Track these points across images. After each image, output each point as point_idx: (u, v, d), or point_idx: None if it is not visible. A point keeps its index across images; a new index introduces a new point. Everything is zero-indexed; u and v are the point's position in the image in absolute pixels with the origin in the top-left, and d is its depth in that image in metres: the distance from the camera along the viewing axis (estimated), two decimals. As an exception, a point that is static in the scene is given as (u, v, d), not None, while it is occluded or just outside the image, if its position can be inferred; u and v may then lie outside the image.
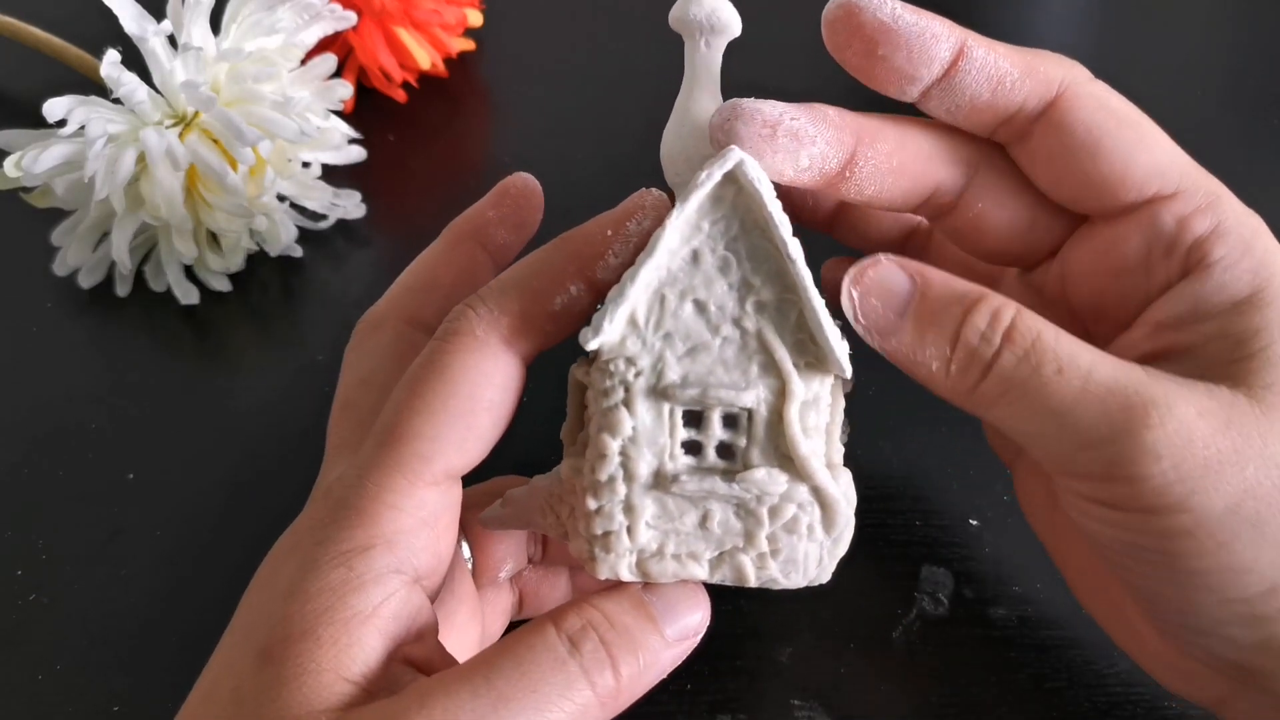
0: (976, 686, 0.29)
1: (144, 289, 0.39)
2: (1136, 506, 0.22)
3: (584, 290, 0.24)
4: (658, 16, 0.47)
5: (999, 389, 0.22)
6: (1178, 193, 0.24)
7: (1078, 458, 0.22)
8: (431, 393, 0.22)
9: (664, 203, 0.25)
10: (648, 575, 0.24)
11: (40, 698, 0.29)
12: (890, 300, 0.23)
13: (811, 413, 0.23)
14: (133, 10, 0.35)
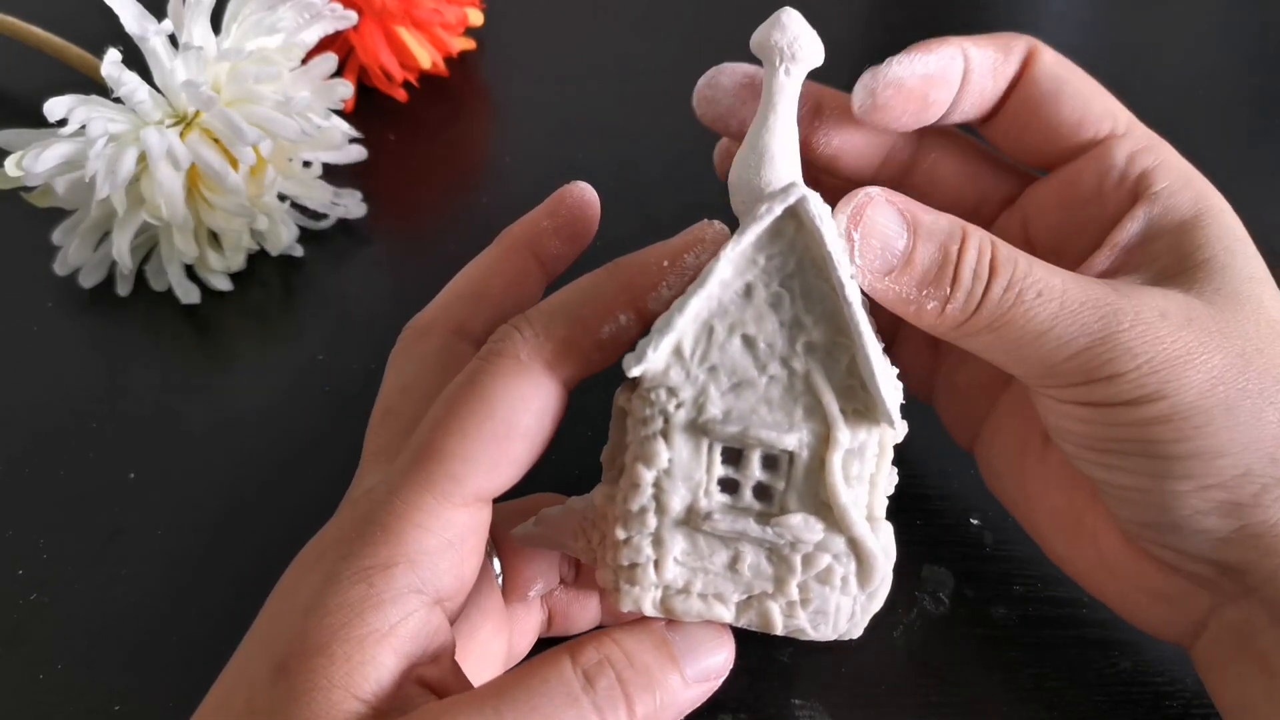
0: (978, 686, 0.29)
1: (145, 288, 0.39)
2: (1117, 401, 0.24)
3: (633, 320, 0.23)
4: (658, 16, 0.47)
5: (988, 319, 0.24)
6: (1126, 133, 0.28)
7: (1062, 367, 0.24)
8: (469, 413, 0.22)
9: (725, 236, 0.24)
10: (671, 612, 0.24)
11: (41, 697, 0.29)
12: (888, 243, 0.24)
13: (855, 462, 0.23)
14: (134, 10, 0.35)
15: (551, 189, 0.45)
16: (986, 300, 0.24)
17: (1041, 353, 0.24)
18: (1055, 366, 0.24)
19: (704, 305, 0.23)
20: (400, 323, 0.39)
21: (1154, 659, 0.30)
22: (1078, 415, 0.25)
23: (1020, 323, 0.24)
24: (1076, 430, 0.26)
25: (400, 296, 0.40)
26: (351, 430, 0.35)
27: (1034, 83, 0.28)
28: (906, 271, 0.24)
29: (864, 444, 0.23)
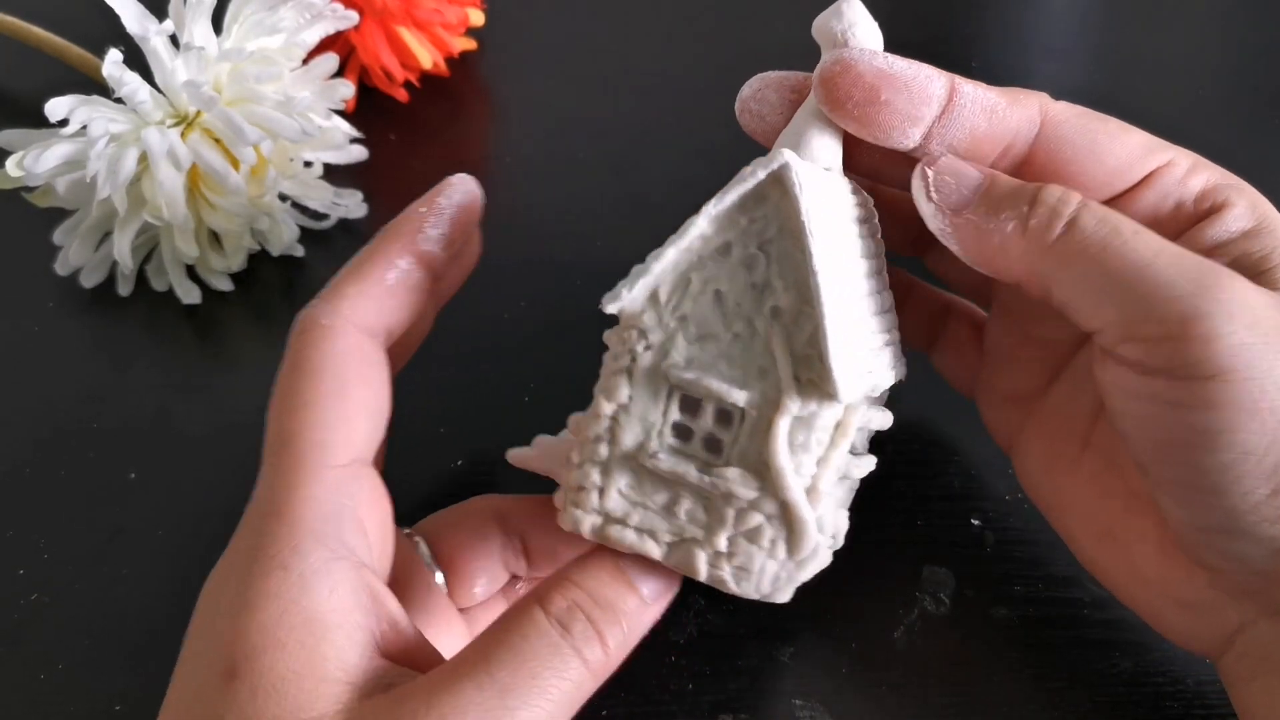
0: (978, 686, 0.29)
1: (146, 288, 0.39)
2: (1204, 370, 0.22)
3: (413, 263, 0.25)
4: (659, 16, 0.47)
5: (1081, 243, 0.23)
6: (1170, 162, 0.26)
7: (1154, 310, 0.23)
8: (302, 387, 0.23)
9: (470, 181, 0.26)
10: (606, 539, 0.24)
11: (42, 697, 0.29)
12: (963, 179, 0.25)
13: (804, 431, 0.23)
14: (135, 10, 0.35)
15: (552, 188, 0.45)
16: (1079, 223, 0.23)
17: (1134, 292, 0.23)
18: (1144, 313, 0.23)
19: (683, 257, 0.24)
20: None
21: (1155, 659, 0.30)
22: (1152, 389, 0.23)
23: (1116, 253, 0.23)
24: (1144, 412, 0.24)
25: (401, 296, 0.40)
26: (352, 430, 0.35)
27: (1067, 141, 0.26)
28: (983, 200, 0.24)
29: (815, 415, 0.23)
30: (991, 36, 0.51)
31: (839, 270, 0.24)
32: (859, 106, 0.25)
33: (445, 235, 0.25)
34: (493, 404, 0.36)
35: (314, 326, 0.24)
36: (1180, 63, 0.50)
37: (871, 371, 0.24)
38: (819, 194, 0.23)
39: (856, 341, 0.24)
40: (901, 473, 0.34)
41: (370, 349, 0.24)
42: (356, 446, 0.24)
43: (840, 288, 0.23)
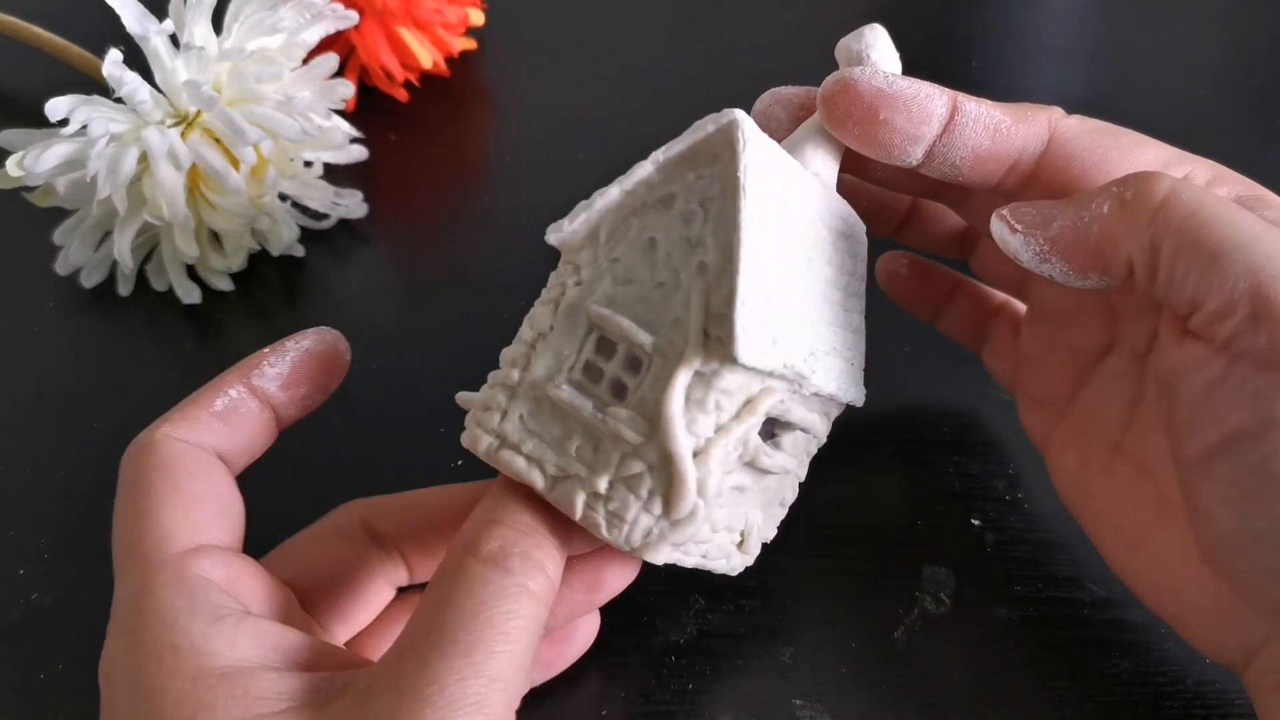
0: (979, 686, 0.29)
1: (146, 288, 0.39)
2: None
3: (244, 392, 0.26)
4: (659, 15, 0.47)
5: (1188, 208, 0.23)
6: (1186, 178, 0.26)
7: (1258, 291, 0.22)
8: (136, 497, 0.24)
9: (330, 335, 0.27)
10: (494, 461, 0.24)
11: (41, 697, 0.29)
12: (1040, 203, 0.25)
13: (702, 388, 0.23)
14: (135, 9, 0.35)
15: (552, 188, 0.45)
16: (1181, 190, 0.23)
17: (1250, 260, 0.22)
18: (1260, 283, 0.22)
19: (626, 199, 0.25)
20: (401, 322, 0.39)
21: (1155, 659, 0.30)
22: (1235, 375, 0.23)
23: (1225, 224, 0.22)
24: (1218, 399, 0.23)
25: (402, 296, 0.40)
26: (352, 430, 0.35)
27: (1075, 158, 0.26)
28: (1072, 203, 0.24)
29: (717, 375, 0.23)
30: (991, 36, 0.51)
31: (772, 242, 0.24)
32: (859, 125, 0.26)
33: (283, 375, 0.26)
34: (493, 404, 0.36)
35: (139, 445, 0.24)
36: (1180, 63, 0.50)
37: (791, 352, 0.24)
38: (767, 161, 0.24)
39: (778, 318, 0.23)
40: (901, 473, 0.34)
41: (199, 454, 0.24)
42: (202, 532, 0.23)
43: (767, 257, 0.23)
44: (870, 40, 0.27)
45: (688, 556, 0.25)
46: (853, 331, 0.27)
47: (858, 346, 0.27)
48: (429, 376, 0.37)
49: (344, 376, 0.27)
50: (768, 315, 0.23)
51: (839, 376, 0.26)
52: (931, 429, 0.35)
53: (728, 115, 0.24)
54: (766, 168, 0.24)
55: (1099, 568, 0.31)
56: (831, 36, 0.29)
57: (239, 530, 0.25)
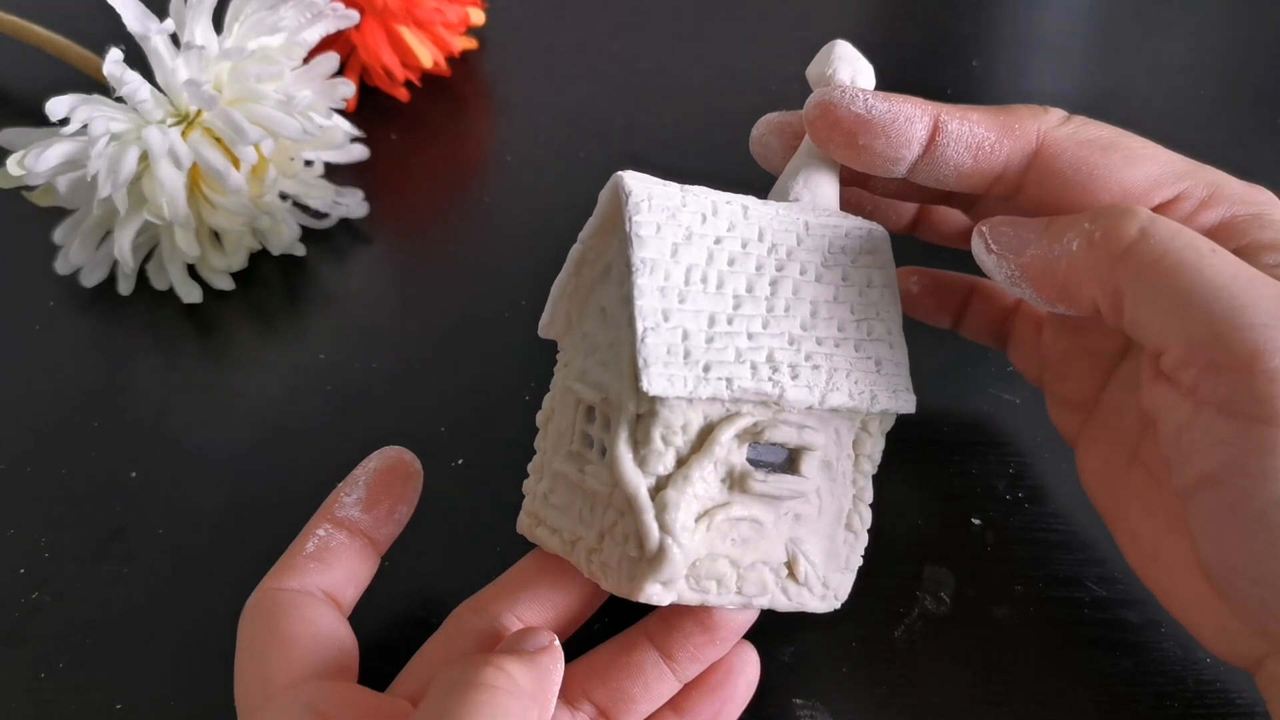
0: (979, 686, 0.29)
1: (146, 287, 0.39)
2: (1264, 412, 0.21)
3: (330, 528, 0.27)
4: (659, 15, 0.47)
5: (1153, 255, 0.22)
6: (1178, 196, 0.25)
7: (1224, 338, 0.22)
8: (239, 656, 0.26)
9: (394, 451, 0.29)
10: (533, 538, 0.27)
11: (42, 696, 0.29)
12: (1020, 225, 0.25)
13: (644, 429, 0.24)
14: (135, 9, 0.35)
15: (553, 188, 0.45)
16: (1152, 232, 0.22)
17: (1215, 310, 0.22)
18: (1222, 334, 0.22)
19: (577, 280, 0.27)
20: (401, 322, 0.39)
21: (1156, 659, 0.30)
22: (1203, 421, 0.23)
23: (1193, 269, 0.22)
24: (1190, 442, 0.23)
25: (402, 295, 0.40)
26: (352, 429, 0.35)
27: (1057, 175, 0.26)
28: (1045, 233, 0.24)
29: (656, 415, 0.24)
30: (991, 36, 0.51)
31: (678, 279, 0.25)
32: (840, 148, 0.26)
33: (361, 499, 0.28)
34: (493, 404, 0.36)
35: (248, 604, 0.26)
36: (1180, 63, 0.50)
37: (736, 374, 0.24)
38: (662, 208, 0.25)
39: (705, 346, 0.24)
40: (901, 472, 0.34)
41: (295, 598, 0.26)
42: (300, 669, 0.25)
43: (674, 296, 0.24)
44: (833, 62, 0.28)
45: (710, 595, 0.25)
46: (868, 339, 0.27)
47: (880, 354, 0.27)
48: (429, 376, 0.37)
49: (421, 483, 0.29)
50: (687, 346, 0.24)
51: (833, 387, 0.26)
52: (931, 429, 0.35)
53: (614, 179, 0.25)
54: (662, 213, 0.25)
55: (1099, 567, 0.31)
56: (833, 35, 0.30)
57: (344, 658, 0.26)
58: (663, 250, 0.25)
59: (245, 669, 0.25)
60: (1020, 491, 0.33)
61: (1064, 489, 0.33)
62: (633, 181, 0.25)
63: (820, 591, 0.27)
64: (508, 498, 0.30)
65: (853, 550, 0.27)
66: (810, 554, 0.26)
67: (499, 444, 0.34)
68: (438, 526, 0.31)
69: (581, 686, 0.27)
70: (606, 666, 0.27)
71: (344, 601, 0.27)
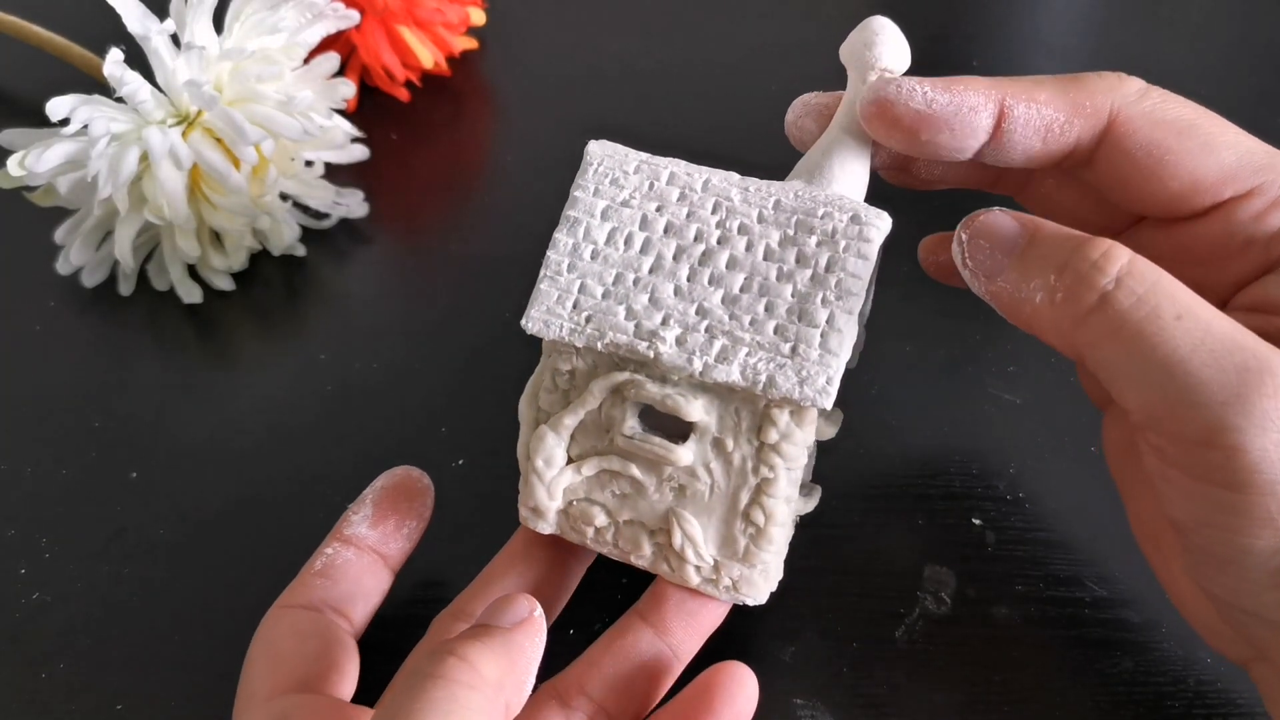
0: (979, 686, 0.29)
1: (147, 288, 0.39)
2: (1224, 480, 0.21)
3: (338, 546, 0.28)
4: (660, 15, 0.47)
5: (1111, 325, 0.22)
6: (1253, 190, 0.24)
7: (1180, 414, 0.21)
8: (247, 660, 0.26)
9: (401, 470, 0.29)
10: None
11: (43, 696, 0.29)
12: (998, 242, 0.24)
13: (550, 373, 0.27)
14: (136, 9, 0.35)
15: (553, 187, 0.45)
16: (1112, 301, 0.21)
17: (1166, 387, 0.21)
18: (1174, 410, 0.21)
19: None
20: (402, 321, 0.39)
21: (1156, 659, 0.30)
22: (1173, 478, 0.23)
23: (1152, 341, 0.21)
24: (1167, 491, 0.23)
25: (403, 295, 0.40)
26: (353, 430, 0.35)
27: (1127, 156, 0.24)
28: (1016, 265, 0.23)
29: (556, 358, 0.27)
30: (991, 36, 0.51)
31: (595, 234, 0.26)
32: (901, 144, 0.25)
33: (368, 516, 0.28)
34: (492, 404, 0.36)
35: (271, 613, 0.27)
36: (1180, 63, 0.50)
37: (614, 327, 0.25)
38: (611, 171, 0.27)
39: (594, 299, 0.26)
40: (901, 472, 0.34)
41: (293, 614, 0.27)
42: (284, 680, 0.25)
43: (586, 248, 0.26)
44: (870, 38, 0.27)
45: (586, 539, 0.27)
46: (798, 323, 0.25)
47: (805, 339, 0.25)
48: (429, 376, 0.37)
49: (432, 500, 0.29)
50: (580, 297, 0.26)
51: (722, 360, 0.25)
52: (932, 429, 0.35)
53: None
54: (605, 178, 0.27)
55: (1099, 567, 0.31)
56: (833, 36, 0.29)
57: (334, 670, 0.26)
58: (592, 210, 0.27)
59: (240, 683, 0.26)
60: (1020, 491, 0.33)
61: (1064, 489, 0.33)
62: (594, 146, 0.28)
63: (707, 574, 0.26)
64: (508, 497, 0.30)
65: (755, 544, 0.26)
66: (691, 531, 0.26)
67: (499, 444, 0.34)
68: (438, 527, 0.31)
69: (578, 682, 0.26)
70: (602, 655, 0.27)
71: (353, 616, 0.27)
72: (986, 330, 0.37)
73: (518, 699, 0.23)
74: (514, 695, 0.23)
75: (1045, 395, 0.35)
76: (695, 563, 0.26)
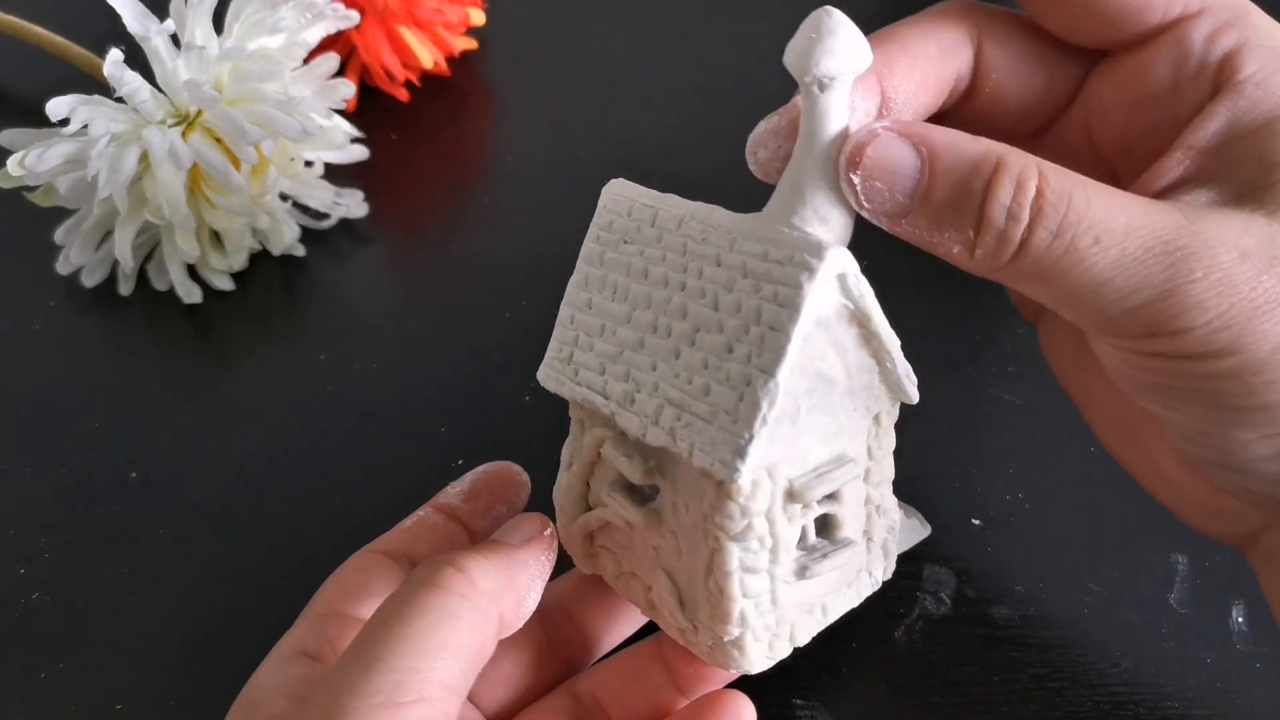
0: (979, 686, 0.29)
1: (147, 288, 0.39)
2: (1181, 354, 0.22)
3: (429, 510, 0.28)
4: (660, 15, 0.47)
5: (1033, 270, 0.21)
6: (1203, 10, 0.24)
7: (1120, 321, 0.22)
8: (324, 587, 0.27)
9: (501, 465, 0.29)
10: None
11: (43, 696, 0.29)
12: (896, 181, 0.22)
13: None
14: (136, 9, 0.35)
15: (552, 187, 0.45)
16: (1029, 247, 0.21)
17: (1098, 306, 0.21)
18: (1112, 320, 0.22)
19: None
20: (402, 322, 0.39)
21: (1155, 659, 0.30)
22: (1136, 364, 0.23)
23: (1073, 274, 0.21)
24: (1134, 376, 0.23)
25: (402, 295, 0.40)
26: (353, 430, 0.35)
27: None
28: (924, 211, 0.21)
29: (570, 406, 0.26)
30: None
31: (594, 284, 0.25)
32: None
33: (463, 491, 0.29)
34: (493, 404, 0.36)
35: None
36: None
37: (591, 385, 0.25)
38: (609, 209, 0.25)
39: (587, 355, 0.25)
40: (901, 473, 0.34)
41: (371, 557, 0.27)
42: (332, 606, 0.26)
43: (582, 293, 0.25)
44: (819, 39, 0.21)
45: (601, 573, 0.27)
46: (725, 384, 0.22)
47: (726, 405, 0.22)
48: (429, 376, 0.37)
49: (527, 494, 0.29)
50: (574, 350, 0.25)
51: (659, 424, 0.23)
52: (932, 429, 0.35)
53: None
54: (607, 221, 0.25)
55: (1099, 568, 0.31)
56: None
57: None
58: (593, 256, 0.25)
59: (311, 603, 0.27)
60: (1020, 491, 0.33)
61: (1064, 489, 0.33)
62: (606, 190, 0.26)
63: (689, 635, 0.25)
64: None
65: (716, 609, 0.23)
66: (660, 590, 0.25)
67: (499, 444, 0.34)
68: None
69: (591, 689, 0.27)
70: (616, 674, 0.27)
71: None
72: (986, 330, 0.37)
73: (515, 613, 0.24)
74: (510, 609, 0.24)
75: (1045, 395, 0.35)
76: (673, 622, 0.25)
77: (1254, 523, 0.25)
